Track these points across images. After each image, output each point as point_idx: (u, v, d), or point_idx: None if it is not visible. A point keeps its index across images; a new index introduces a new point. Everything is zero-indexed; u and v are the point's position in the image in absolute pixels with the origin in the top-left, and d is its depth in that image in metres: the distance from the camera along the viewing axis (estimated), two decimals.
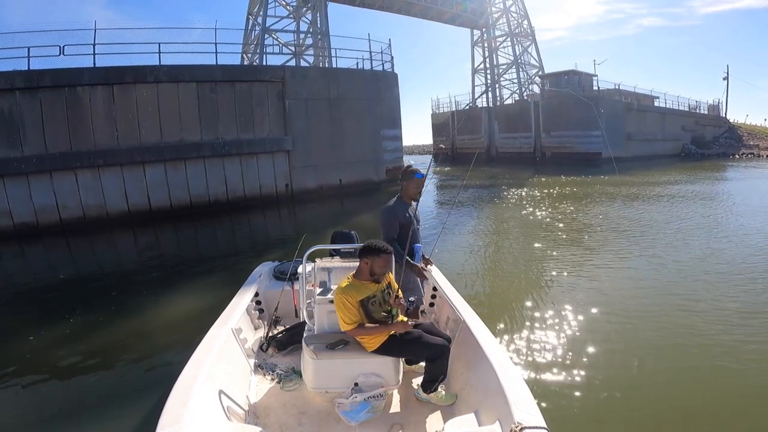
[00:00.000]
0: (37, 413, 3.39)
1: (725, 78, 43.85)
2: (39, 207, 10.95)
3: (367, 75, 17.55)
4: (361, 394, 2.58)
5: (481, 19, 33.31)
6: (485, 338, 2.80)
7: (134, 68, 12.32)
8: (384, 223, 3.11)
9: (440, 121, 37.23)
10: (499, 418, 2.12)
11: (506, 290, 5.88)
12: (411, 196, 3.20)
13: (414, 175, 3.15)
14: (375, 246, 2.63)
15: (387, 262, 2.68)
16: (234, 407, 2.54)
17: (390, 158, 17.83)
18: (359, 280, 2.68)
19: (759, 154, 33.59)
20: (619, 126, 29.01)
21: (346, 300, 2.60)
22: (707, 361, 3.77)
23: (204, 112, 13.20)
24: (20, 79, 10.90)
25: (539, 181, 19.51)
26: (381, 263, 2.64)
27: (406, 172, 3.19)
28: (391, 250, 2.70)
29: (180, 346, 4.12)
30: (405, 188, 3.20)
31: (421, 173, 3.15)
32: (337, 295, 2.64)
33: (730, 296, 5.15)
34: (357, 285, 2.66)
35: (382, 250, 2.62)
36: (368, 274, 2.67)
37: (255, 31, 23.60)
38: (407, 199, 3.21)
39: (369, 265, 2.64)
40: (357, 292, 2.63)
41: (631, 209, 11.65)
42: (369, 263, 2.64)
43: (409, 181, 3.16)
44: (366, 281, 2.68)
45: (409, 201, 3.21)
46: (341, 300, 2.61)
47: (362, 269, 2.68)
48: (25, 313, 5.83)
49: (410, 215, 3.16)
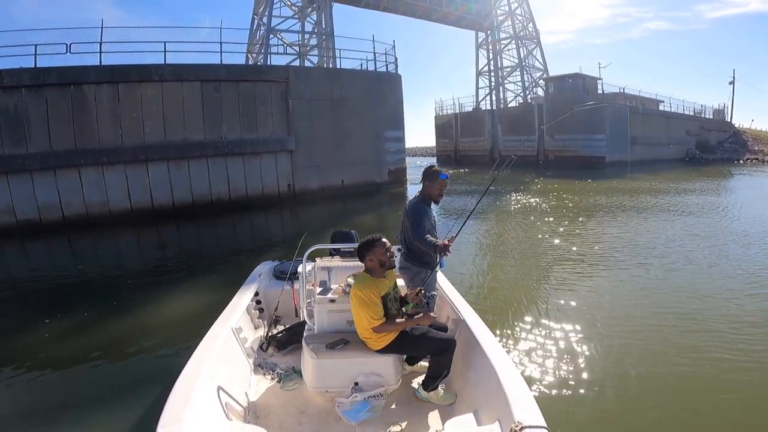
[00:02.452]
0: (38, 410, 3.40)
1: (731, 82, 43.74)
2: (42, 204, 11.00)
3: (371, 76, 17.58)
4: (361, 393, 2.58)
5: (486, 21, 33.33)
6: (485, 338, 2.79)
7: (139, 67, 12.39)
8: (415, 219, 3.02)
9: (444, 123, 37.22)
10: (499, 417, 2.11)
11: (507, 291, 5.87)
12: (433, 197, 3.16)
13: (438, 175, 3.11)
14: (365, 241, 2.68)
15: (386, 247, 2.67)
16: (234, 406, 2.54)
17: (392, 159, 17.83)
18: (374, 276, 2.66)
19: (764, 159, 33.38)
20: (623, 130, 28.95)
21: (371, 295, 2.55)
22: (708, 361, 3.74)
23: (208, 111, 13.25)
24: (26, 76, 10.98)
25: (542, 184, 19.47)
26: (382, 251, 2.64)
27: (430, 173, 3.15)
28: (380, 236, 2.70)
29: (180, 345, 4.14)
30: (428, 189, 3.15)
31: (446, 174, 3.14)
32: (359, 291, 2.57)
33: (735, 301, 5.11)
34: (375, 281, 2.64)
35: (374, 239, 2.66)
36: (380, 267, 2.66)
37: (260, 31, 23.69)
38: (429, 199, 3.17)
39: (375, 261, 2.64)
40: (377, 288, 2.61)
41: (636, 214, 11.60)
42: (373, 258, 2.64)
43: (432, 181, 3.13)
44: (380, 277, 2.67)
45: (430, 202, 3.18)
46: (366, 296, 2.55)
47: (371, 267, 2.67)
48: (27, 310, 5.84)
49: (433, 217, 3.17)
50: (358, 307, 2.59)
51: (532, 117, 29.90)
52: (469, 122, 34.72)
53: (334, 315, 2.88)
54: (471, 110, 35.66)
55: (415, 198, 3.20)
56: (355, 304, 2.60)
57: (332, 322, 2.87)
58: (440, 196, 3.16)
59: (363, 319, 2.59)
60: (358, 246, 2.70)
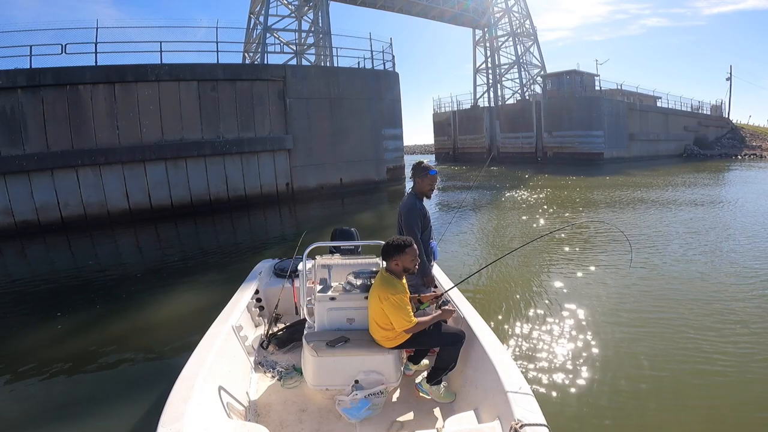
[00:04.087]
0: (39, 410, 3.39)
1: (728, 78, 43.85)
2: (40, 205, 10.97)
3: (368, 74, 17.55)
4: (361, 391, 2.58)
5: (482, 18, 33.27)
6: (486, 336, 2.79)
7: (136, 67, 12.34)
8: (408, 222, 3.09)
9: (442, 120, 37.19)
10: (500, 415, 2.12)
11: (507, 289, 5.87)
12: (424, 193, 3.22)
13: (428, 171, 3.16)
14: (396, 244, 2.61)
15: (414, 253, 2.64)
16: (235, 404, 2.54)
17: (391, 157, 17.83)
18: (396, 278, 2.64)
19: (761, 155, 33.49)
20: (621, 126, 28.99)
21: (404, 298, 2.55)
22: (708, 361, 3.75)
23: (205, 110, 13.22)
24: (22, 77, 10.92)
25: (541, 180, 19.48)
26: (409, 258, 2.62)
27: (420, 169, 3.19)
28: (411, 240, 2.67)
29: (181, 344, 4.14)
30: (419, 185, 3.20)
31: (435, 170, 3.18)
32: (391, 296, 2.52)
33: (739, 300, 5.10)
34: (401, 284, 2.64)
35: (406, 245, 2.61)
36: (401, 271, 2.65)
37: (257, 30, 23.60)
38: (421, 195, 3.22)
39: (400, 266, 2.63)
40: (405, 290, 2.62)
41: (637, 212, 11.62)
42: (399, 263, 2.62)
43: (423, 177, 3.17)
44: (400, 279, 2.66)
45: (422, 197, 3.22)
46: (400, 300, 2.52)
47: (395, 270, 2.64)
48: (26, 311, 5.83)
49: (427, 212, 3.19)
50: (391, 311, 2.53)
51: (530, 114, 29.91)
52: (467, 120, 34.72)
53: (335, 313, 2.87)
54: (469, 107, 35.65)
55: (408, 196, 3.24)
56: (387, 307, 2.54)
57: (332, 320, 2.87)
58: (431, 191, 3.22)
59: (398, 322, 2.54)
60: (387, 246, 2.63)
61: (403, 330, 2.55)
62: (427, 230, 3.15)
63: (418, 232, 3.07)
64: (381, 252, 2.69)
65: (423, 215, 3.14)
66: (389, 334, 2.60)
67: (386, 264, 2.68)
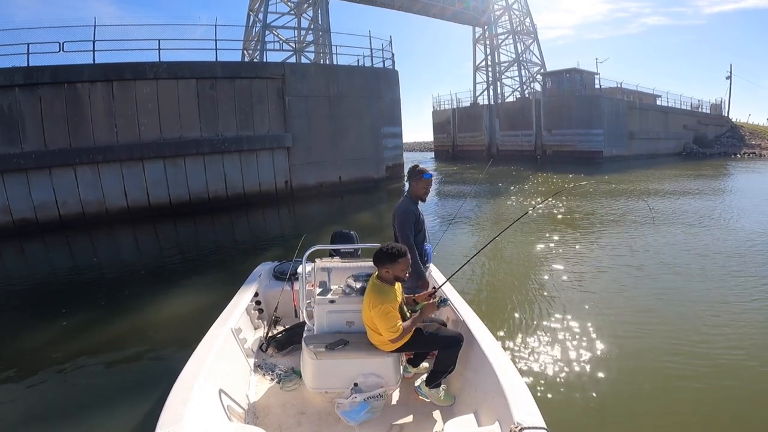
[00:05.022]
0: (37, 411, 3.39)
1: (728, 77, 43.82)
2: (38, 203, 10.93)
3: (368, 72, 17.50)
4: (360, 394, 2.57)
5: (483, 16, 33.21)
6: (485, 338, 2.79)
7: (134, 65, 12.28)
8: (401, 226, 3.10)
9: (441, 118, 37.14)
10: (499, 418, 2.11)
11: (506, 291, 5.87)
12: (419, 196, 3.23)
13: (423, 175, 3.17)
14: (389, 252, 2.55)
15: (407, 264, 2.60)
16: (234, 407, 2.54)
17: (390, 156, 17.81)
18: (387, 285, 2.60)
19: (761, 153, 33.47)
20: (621, 124, 28.98)
21: (391, 308, 2.50)
22: (708, 361, 3.75)
23: (204, 108, 13.18)
24: (20, 75, 10.87)
25: (540, 178, 19.47)
26: (401, 267, 2.57)
27: (415, 172, 3.20)
28: (406, 249, 2.63)
29: (180, 345, 4.12)
30: (414, 188, 3.22)
31: (430, 173, 3.19)
32: (380, 305, 2.48)
33: (738, 300, 5.10)
34: (392, 291, 2.60)
35: (399, 254, 2.55)
36: (392, 279, 2.61)
37: (256, 28, 23.52)
38: (416, 198, 3.24)
39: (391, 275, 2.59)
40: (395, 299, 2.59)
41: (638, 212, 11.62)
42: (390, 271, 2.58)
43: (417, 181, 3.19)
44: (392, 286, 2.63)
45: (416, 200, 3.24)
46: (387, 309, 2.48)
47: (386, 277, 2.61)
48: (24, 310, 5.82)
49: (421, 215, 3.20)
50: (378, 320, 2.52)
51: (529, 112, 29.88)
52: (467, 118, 34.69)
53: (334, 316, 2.87)
54: (468, 105, 35.61)
55: (403, 199, 3.25)
56: (374, 316, 2.53)
57: (332, 323, 2.86)
58: (426, 194, 3.24)
59: (384, 332, 2.53)
60: (380, 253, 2.59)
61: (389, 339, 2.55)
62: (422, 233, 3.17)
63: (411, 236, 3.09)
64: (373, 258, 2.63)
65: (417, 218, 3.15)
66: (383, 338, 2.61)
67: (377, 270, 2.65)
